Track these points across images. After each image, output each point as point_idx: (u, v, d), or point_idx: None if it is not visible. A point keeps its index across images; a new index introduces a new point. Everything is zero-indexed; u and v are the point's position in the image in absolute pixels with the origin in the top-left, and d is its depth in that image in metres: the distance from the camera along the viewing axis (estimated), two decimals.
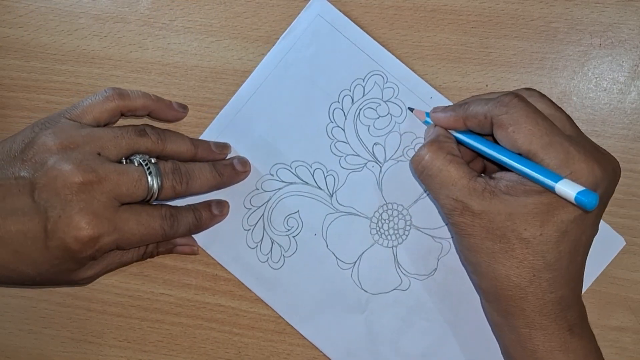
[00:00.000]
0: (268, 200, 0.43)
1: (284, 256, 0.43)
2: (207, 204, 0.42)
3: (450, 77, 0.43)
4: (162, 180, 0.38)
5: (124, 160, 0.39)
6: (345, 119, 0.43)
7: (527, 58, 0.43)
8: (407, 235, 0.42)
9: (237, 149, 0.43)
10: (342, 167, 0.43)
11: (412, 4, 0.43)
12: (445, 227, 0.42)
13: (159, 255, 0.43)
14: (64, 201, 0.35)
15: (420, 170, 0.38)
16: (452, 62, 0.43)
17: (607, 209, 0.41)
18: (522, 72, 0.43)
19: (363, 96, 0.43)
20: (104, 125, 0.40)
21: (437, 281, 0.42)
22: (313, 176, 0.43)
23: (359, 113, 0.43)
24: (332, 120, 0.43)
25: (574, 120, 0.36)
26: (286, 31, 0.43)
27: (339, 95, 0.43)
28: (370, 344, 0.42)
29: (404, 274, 0.42)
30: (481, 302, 0.40)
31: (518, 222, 0.34)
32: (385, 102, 0.43)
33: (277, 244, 0.43)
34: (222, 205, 0.43)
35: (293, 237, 0.43)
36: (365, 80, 0.43)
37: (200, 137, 0.44)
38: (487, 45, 0.43)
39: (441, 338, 0.42)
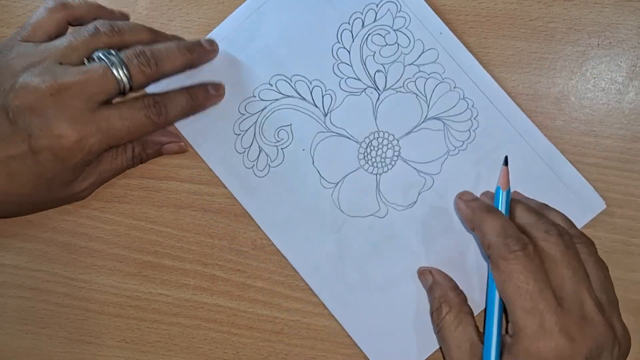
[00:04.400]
0: (263, 109, 0.43)
1: (269, 165, 0.43)
2: (203, 84, 0.42)
3: None
4: (128, 67, 0.38)
5: (85, 61, 0.39)
6: (353, 41, 0.43)
7: (525, 58, 0.43)
8: (392, 165, 0.43)
9: (240, 55, 0.43)
10: (341, 88, 0.43)
11: None
12: (432, 162, 0.42)
13: (149, 159, 0.43)
14: (39, 114, 0.36)
15: (438, 327, 0.38)
16: None
17: (606, 209, 0.41)
18: (520, 72, 0.43)
19: (374, 21, 0.43)
20: (55, 38, 0.41)
21: (414, 214, 0.42)
22: (311, 93, 0.43)
23: (367, 38, 0.43)
24: (339, 41, 0.43)
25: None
26: None
27: (350, 17, 0.43)
28: (339, 263, 0.42)
29: (383, 202, 0.42)
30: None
31: None
32: (395, 30, 0.42)
33: (265, 152, 0.43)
34: (219, 86, 0.43)
35: (281, 148, 0.43)
36: (379, 7, 0.43)
37: (208, 36, 0.44)
38: (486, 45, 0.43)
39: (407, 269, 0.42)
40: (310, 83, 0.43)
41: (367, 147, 0.43)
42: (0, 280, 0.45)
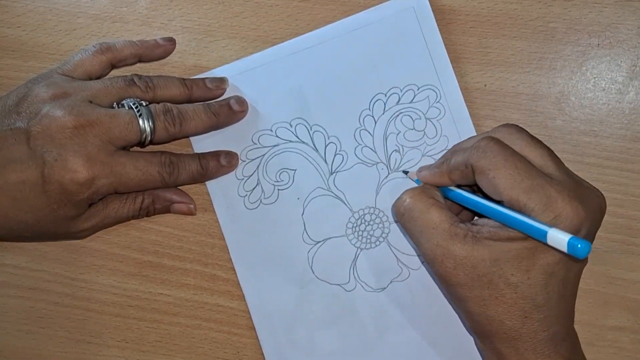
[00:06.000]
0: (275, 145, 0.43)
1: (261, 201, 0.43)
2: (216, 154, 0.42)
3: None
4: (154, 122, 0.39)
5: (115, 106, 0.39)
6: (382, 114, 0.43)
7: (525, 58, 0.43)
8: (376, 245, 0.42)
9: (271, 88, 0.43)
10: (355, 154, 0.43)
11: None
12: (415, 257, 0.42)
13: (156, 214, 0.43)
14: (58, 145, 0.37)
15: (401, 213, 0.38)
16: (450, 62, 0.43)
17: (606, 209, 0.41)
18: (520, 72, 0.43)
19: (410, 102, 0.42)
20: (96, 79, 0.41)
21: (380, 299, 0.42)
22: (325, 147, 0.43)
23: (398, 116, 0.42)
24: (370, 109, 0.43)
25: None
26: (379, 5, 0.42)
27: (388, 90, 0.43)
28: (290, 319, 0.42)
29: (355, 277, 0.42)
30: (475, 342, 0.40)
31: (504, 268, 0.34)
32: (426, 119, 0.42)
33: (262, 187, 0.43)
34: (232, 157, 0.43)
35: (279, 189, 0.43)
36: (420, 89, 0.42)
37: (258, 53, 0.43)
38: (486, 45, 0.43)
39: (355, 348, 0.42)
40: (328, 138, 0.43)
41: (359, 219, 0.43)
42: (0, 280, 0.45)
